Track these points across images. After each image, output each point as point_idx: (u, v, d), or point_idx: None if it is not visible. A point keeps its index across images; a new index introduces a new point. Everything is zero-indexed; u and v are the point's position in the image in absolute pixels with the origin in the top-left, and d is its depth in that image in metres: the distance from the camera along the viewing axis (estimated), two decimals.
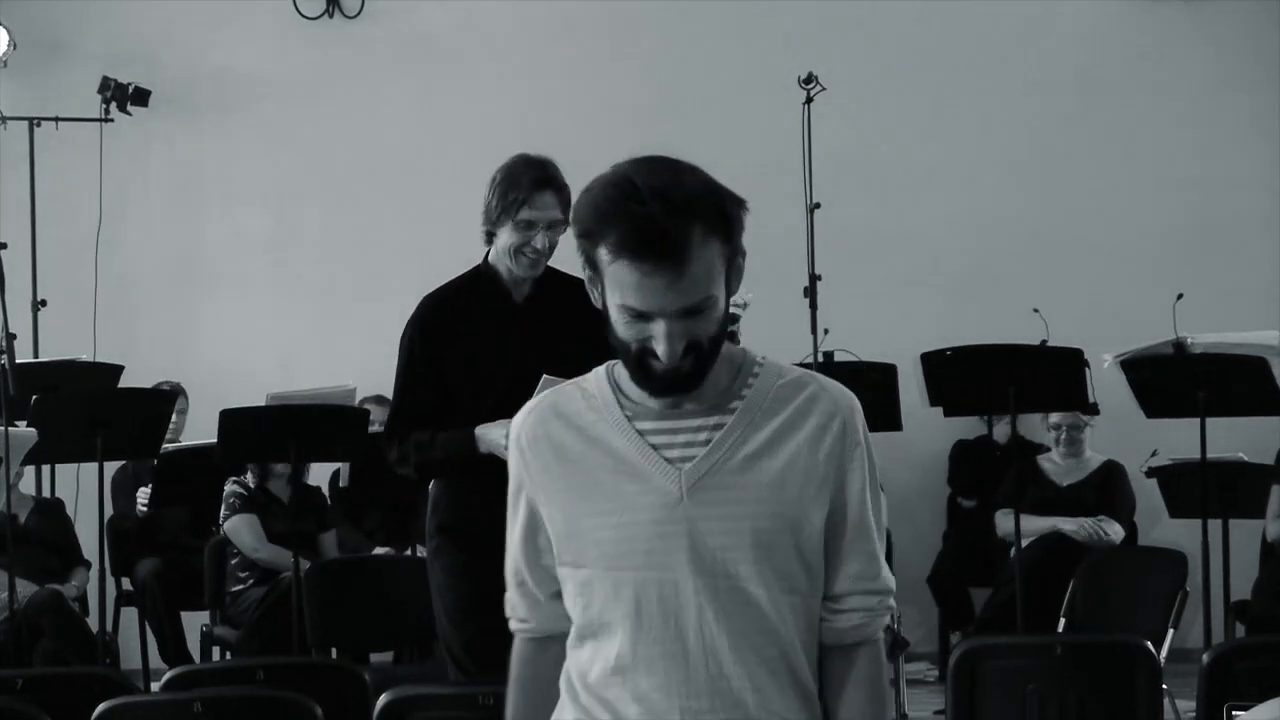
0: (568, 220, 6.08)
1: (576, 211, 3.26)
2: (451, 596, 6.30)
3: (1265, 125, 11.40)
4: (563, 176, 6.21)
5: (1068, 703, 6.30)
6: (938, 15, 11.43)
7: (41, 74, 11.21)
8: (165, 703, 6.07)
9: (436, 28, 11.60)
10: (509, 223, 6.16)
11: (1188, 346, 8.94)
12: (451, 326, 6.29)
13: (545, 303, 6.30)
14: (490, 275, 6.31)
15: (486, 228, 6.27)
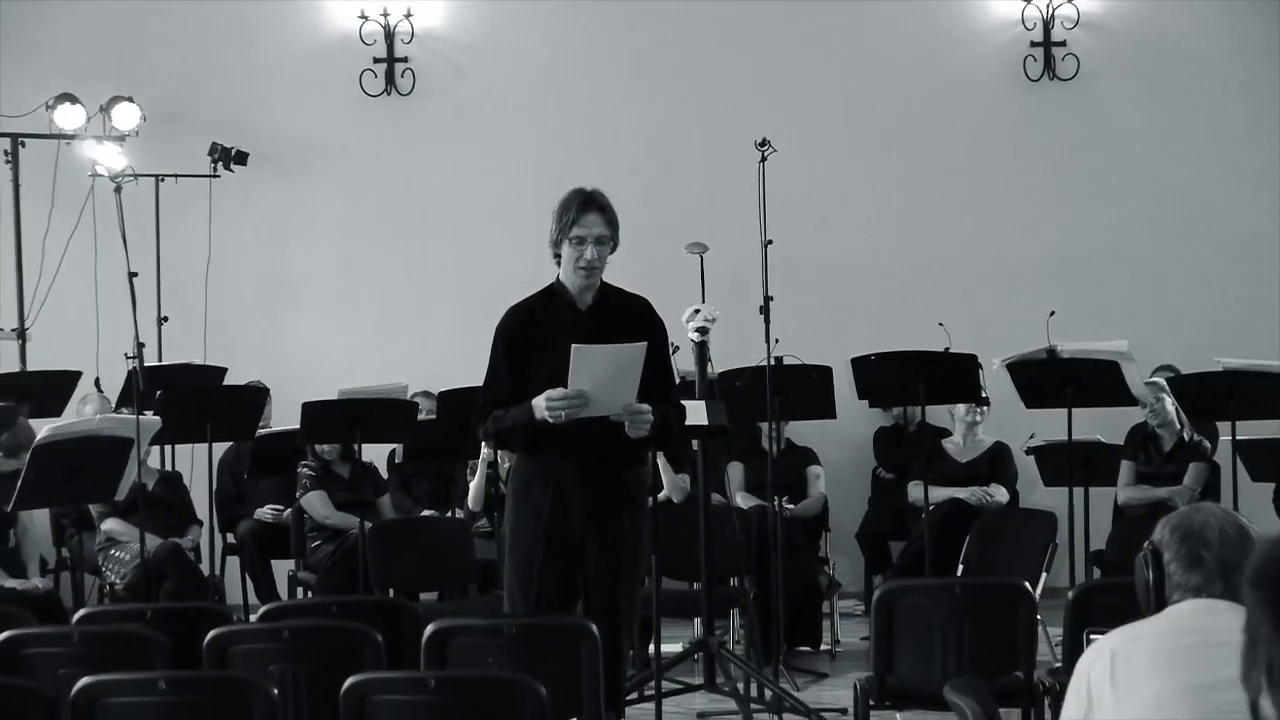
0: (614, 237, 6.16)
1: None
2: (520, 551, 6.34)
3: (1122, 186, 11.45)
4: (607, 200, 6.25)
5: (964, 631, 6.28)
6: (863, 94, 11.46)
7: (164, 140, 11.17)
8: (260, 631, 6.08)
9: (471, 104, 11.59)
10: (566, 240, 6.19)
11: (1058, 352, 8.97)
12: (527, 330, 6.29)
13: (605, 312, 6.31)
14: (559, 290, 6.30)
15: (553, 250, 6.28)
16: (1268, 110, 10.73)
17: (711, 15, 11.52)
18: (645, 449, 6.55)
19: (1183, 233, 11.36)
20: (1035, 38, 11.55)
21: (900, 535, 10.17)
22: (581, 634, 5.67)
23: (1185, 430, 9.59)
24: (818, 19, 11.51)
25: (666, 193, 10.05)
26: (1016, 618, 6.30)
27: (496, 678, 5.25)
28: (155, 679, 5.01)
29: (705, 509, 8.25)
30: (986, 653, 6.22)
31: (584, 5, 11.58)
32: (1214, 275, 11.17)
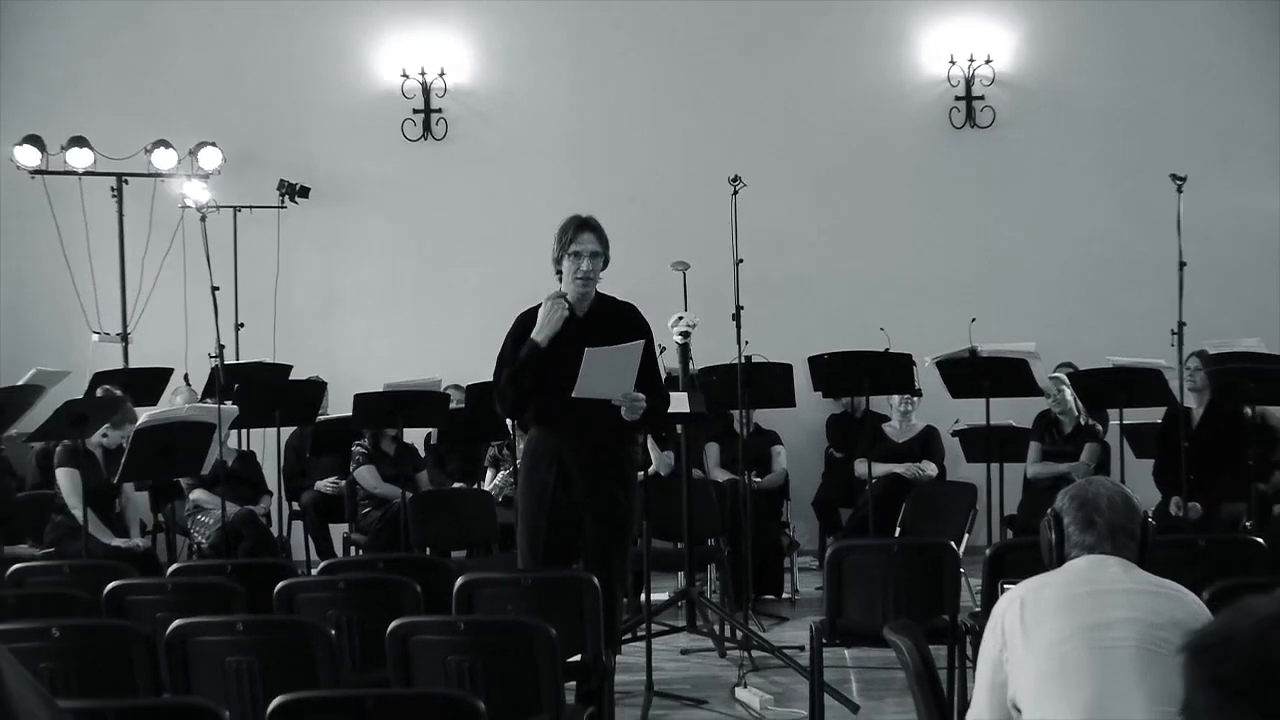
0: (605, 254, 6.19)
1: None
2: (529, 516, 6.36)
3: (1030, 215, 11.46)
4: (599, 223, 6.32)
5: (900, 582, 6.28)
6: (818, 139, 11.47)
7: (241, 177, 11.18)
8: (320, 582, 6.09)
9: (493, 148, 11.58)
10: (565, 256, 6.24)
11: (978, 352, 8.96)
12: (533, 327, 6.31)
13: (600, 316, 6.34)
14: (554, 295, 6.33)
15: (555, 267, 6.33)
16: (1150, 150, 10.73)
17: (692, 75, 11.55)
18: (636, 431, 6.57)
19: (1080, 253, 11.38)
20: (959, 93, 11.56)
21: (848, 503, 10.16)
22: (584, 585, 5.67)
23: (1081, 416, 9.59)
24: (781, 78, 11.52)
25: (655, 220, 10.05)
26: (943, 571, 6.32)
27: (515, 621, 5.26)
28: (234, 621, 5.02)
29: (687, 481, 8.27)
30: (919, 600, 6.22)
31: (586, 68, 11.60)
32: (1106, 288, 11.19)
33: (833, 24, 11.56)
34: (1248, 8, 11.50)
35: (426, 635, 4.92)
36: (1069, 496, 3.97)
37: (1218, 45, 11.51)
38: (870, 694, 7.18)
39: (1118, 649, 3.61)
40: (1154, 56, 11.53)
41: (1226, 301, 10.41)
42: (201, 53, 11.55)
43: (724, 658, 7.96)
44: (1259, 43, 11.51)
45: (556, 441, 6.33)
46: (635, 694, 7.05)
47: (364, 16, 11.60)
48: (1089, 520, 3.88)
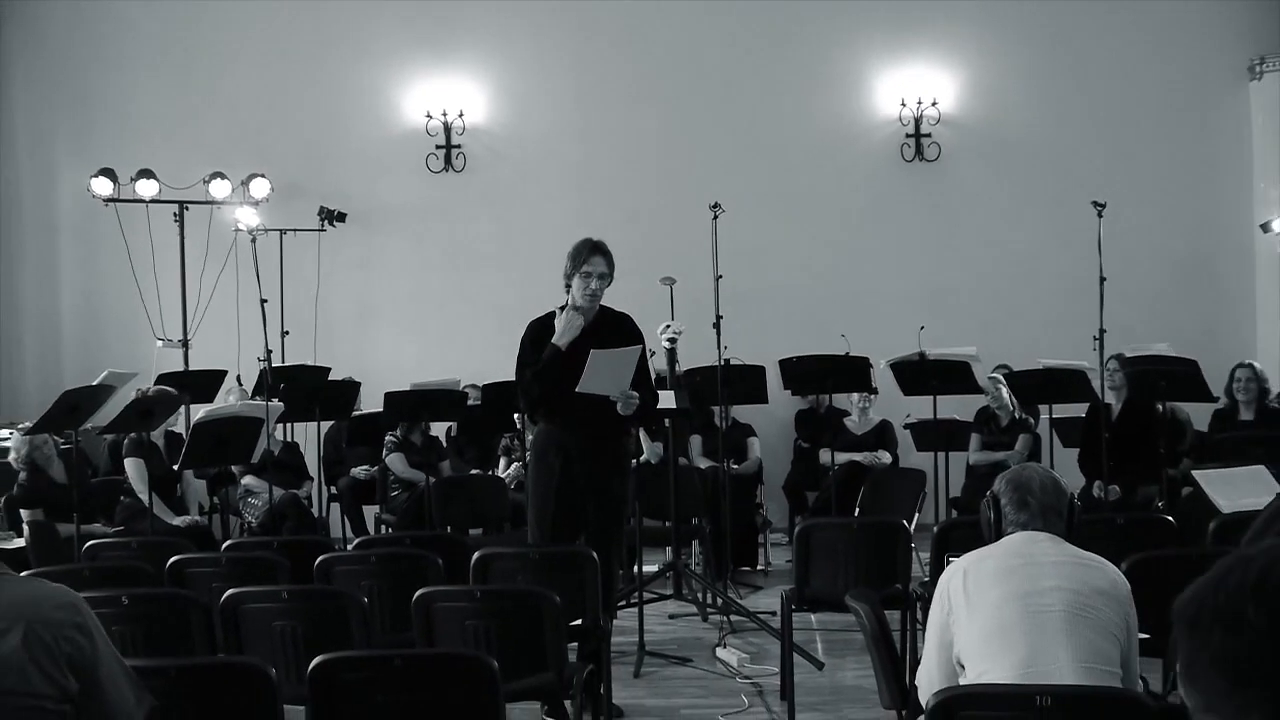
0: (611, 274, 6.20)
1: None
2: (538, 498, 6.36)
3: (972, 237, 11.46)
4: (608, 248, 6.34)
5: (859, 556, 6.27)
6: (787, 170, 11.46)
7: (286, 204, 11.17)
8: (355, 556, 6.07)
9: (506, 178, 11.56)
10: (577, 273, 6.24)
11: (926, 356, 8.96)
12: (547, 333, 6.30)
13: (602, 324, 6.34)
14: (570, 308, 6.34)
15: (566, 281, 6.33)
16: (1075, 180, 10.72)
17: (680, 116, 11.54)
18: (631, 425, 6.57)
19: (1015, 271, 11.38)
20: (909, 131, 11.55)
21: (814, 487, 10.13)
22: (584, 559, 5.67)
23: (1016, 411, 9.59)
24: (755, 117, 11.51)
25: (646, 240, 10.01)
26: (896, 546, 6.31)
27: (524, 590, 5.25)
28: (279, 590, 5.02)
29: (673, 468, 8.27)
30: (875, 571, 6.21)
31: (587, 110, 11.58)
32: (1037, 300, 11.19)
33: (801, 71, 11.55)
34: (1160, 57, 11.50)
35: (447, 603, 4.92)
36: (1005, 481, 3.98)
37: (1133, 89, 11.52)
38: (833, 653, 7.19)
39: (1048, 613, 3.62)
40: (1078, 99, 11.54)
41: (1141, 311, 10.43)
42: (253, 96, 11.54)
43: (706, 621, 7.95)
44: (1169, 87, 11.52)
45: (562, 434, 6.34)
46: (629, 653, 7.04)
47: (393, 65, 11.60)
48: (1023, 501, 3.88)
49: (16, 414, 10.57)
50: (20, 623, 2.81)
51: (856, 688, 6.52)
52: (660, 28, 11.58)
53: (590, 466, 6.29)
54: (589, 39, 11.62)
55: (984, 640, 3.64)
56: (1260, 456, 7.06)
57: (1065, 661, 3.55)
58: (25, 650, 2.80)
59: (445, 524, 8.63)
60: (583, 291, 6.27)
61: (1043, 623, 3.60)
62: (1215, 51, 11.51)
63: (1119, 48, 11.53)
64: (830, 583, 6.18)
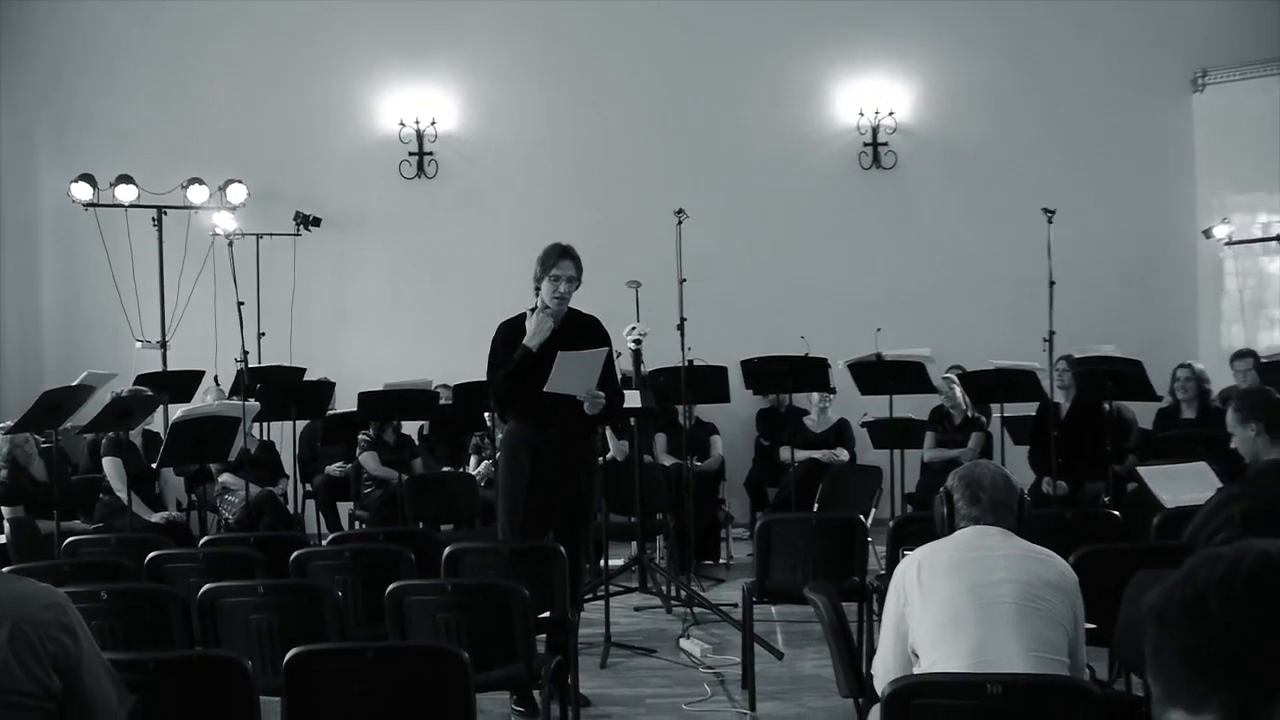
0: (579, 278, 6.19)
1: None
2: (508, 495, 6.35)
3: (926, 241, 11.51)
4: (577, 252, 6.34)
5: (818, 550, 6.29)
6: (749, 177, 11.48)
7: (263, 209, 11.13)
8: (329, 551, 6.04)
9: (476, 185, 11.56)
10: (546, 277, 6.24)
11: (882, 357, 8.99)
12: (517, 334, 6.30)
13: (571, 326, 6.34)
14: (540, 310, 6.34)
15: (535, 285, 6.33)
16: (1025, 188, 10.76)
17: (645, 124, 11.56)
18: (597, 424, 6.57)
19: (968, 275, 11.42)
20: (866, 140, 11.59)
21: (774, 483, 10.15)
22: (553, 553, 5.66)
23: (969, 410, 9.64)
24: (718, 127, 11.53)
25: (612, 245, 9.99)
26: (854, 540, 6.33)
27: (494, 584, 5.24)
28: (256, 585, 5.00)
29: (639, 465, 8.28)
30: (833, 564, 6.22)
31: (555, 118, 11.59)
32: (989, 303, 11.23)
33: (762, 82, 11.58)
34: (1107, 70, 11.58)
35: (419, 596, 4.91)
36: (958, 477, 3.99)
37: (1081, 101, 11.59)
38: (793, 644, 7.21)
39: (999, 604, 3.64)
40: (1029, 110, 11.62)
41: (1089, 314, 10.46)
42: (231, 103, 11.50)
43: (670, 613, 7.96)
44: (1116, 99, 11.60)
45: (531, 432, 6.33)
46: (595, 644, 7.04)
47: (368, 74, 11.58)
48: (975, 497, 3.90)
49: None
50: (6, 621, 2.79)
51: (815, 677, 6.55)
52: (627, 41, 11.59)
53: (558, 464, 6.28)
54: (558, 51, 11.62)
55: (937, 630, 3.65)
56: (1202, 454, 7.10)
57: (1015, 650, 3.57)
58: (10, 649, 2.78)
59: (417, 520, 8.61)
60: (552, 294, 6.27)
61: (993, 613, 3.62)
62: (1160, 65, 11.60)
63: (1068, 62, 11.61)
64: (790, 576, 6.20)
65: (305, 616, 4.82)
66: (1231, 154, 11.43)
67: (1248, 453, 5.14)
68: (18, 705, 2.80)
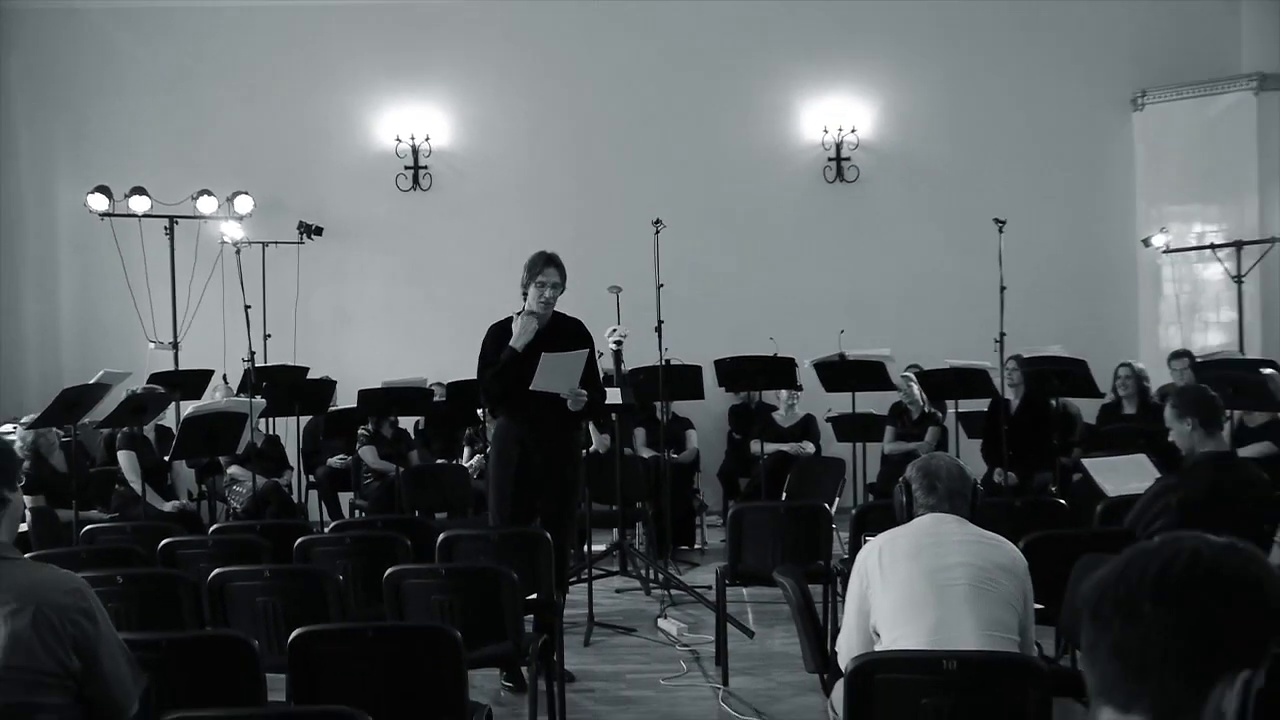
0: (563, 284, 6.18)
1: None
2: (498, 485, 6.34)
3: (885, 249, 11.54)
4: (561, 260, 6.32)
5: (786, 536, 6.26)
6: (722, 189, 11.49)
7: (268, 219, 11.10)
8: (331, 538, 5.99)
9: (468, 196, 11.54)
10: (533, 282, 6.24)
11: (846, 356, 9.00)
12: (505, 336, 6.29)
13: (556, 328, 6.33)
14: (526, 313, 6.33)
15: (523, 290, 6.32)
16: (978, 199, 10.81)
17: (625, 140, 11.55)
18: (581, 419, 6.57)
19: (924, 278, 11.45)
20: (830, 155, 11.62)
21: (746, 474, 10.15)
22: (539, 539, 5.66)
23: (926, 406, 9.66)
24: (694, 142, 11.53)
25: (595, 253, 9.98)
26: (819, 526, 6.34)
27: (485, 567, 5.23)
28: (262, 570, 4.98)
29: (620, 458, 8.28)
30: (800, 549, 6.22)
31: (541, 134, 11.57)
32: (944, 306, 11.26)
33: (734, 101, 11.59)
34: (1054, 89, 11.62)
35: (415, 580, 4.90)
36: (916, 468, 4.00)
37: (1030, 119, 11.64)
38: (763, 623, 7.22)
39: (954, 586, 3.65)
40: (981, 127, 11.65)
41: (1037, 317, 10.51)
42: (238, 120, 11.45)
43: (649, 595, 7.96)
44: (1062, 117, 11.65)
45: (519, 427, 6.33)
46: (579, 624, 7.04)
47: (367, 93, 11.55)
48: (931, 486, 3.91)
49: (19, 410, 10.43)
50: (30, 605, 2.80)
51: (784, 654, 6.57)
52: (607, 64, 11.59)
53: (545, 456, 6.28)
54: (543, 74, 11.61)
55: (897, 610, 3.66)
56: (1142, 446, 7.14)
57: (969, 629, 3.58)
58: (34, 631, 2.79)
59: (413, 509, 8.58)
60: (538, 299, 6.27)
61: (949, 595, 3.63)
62: (1103, 85, 11.65)
63: (1018, 83, 11.65)
64: (760, 560, 6.21)
65: (308, 599, 4.80)
66: (1169, 168, 11.48)
67: (1184, 445, 5.17)
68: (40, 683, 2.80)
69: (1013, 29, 11.65)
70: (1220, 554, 1.51)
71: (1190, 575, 1.49)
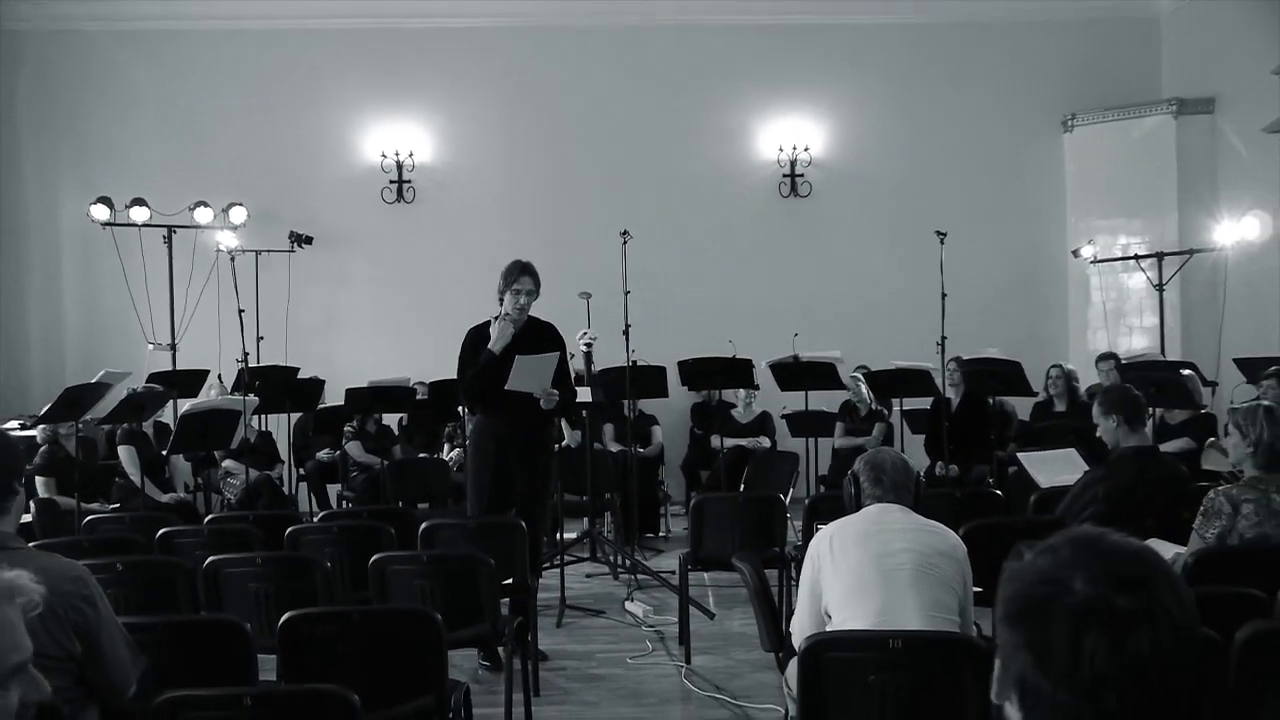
0: (537, 290, 6.16)
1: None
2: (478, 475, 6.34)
3: (836, 259, 11.57)
4: (534, 268, 6.31)
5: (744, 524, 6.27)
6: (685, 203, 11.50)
7: (261, 229, 11.05)
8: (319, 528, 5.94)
9: (449, 209, 11.52)
10: (508, 289, 6.23)
11: (799, 358, 9.02)
12: (483, 340, 6.29)
13: (530, 332, 6.33)
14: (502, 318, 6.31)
15: (499, 295, 6.31)
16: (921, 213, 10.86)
17: (595, 156, 11.54)
18: (553, 416, 6.55)
19: (872, 286, 11.51)
20: (785, 171, 11.65)
21: (707, 466, 10.15)
22: (514, 528, 5.64)
23: (873, 404, 9.69)
24: (659, 159, 11.53)
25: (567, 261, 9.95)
26: (774, 515, 6.35)
27: (463, 554, 5.20)
28: (254, 557, 4.94)
29: (590, 452, 8.27)
30: (757, 535, 6.24)
31: (516, 151, 11.55)
32: (890, 311, 11.30)
33: (696, 122, 11.60)
34: (991, 112, 11.70)
35: (399, 566, 4.87)
36: (863, 461, 4.01)
37: (969, 139, 11.71)
38: (722, 605, 7.22)
39: (899, 571, 3.66)
40: (924, 146, 11.71)
41: (975, 321, 10.58)
42: (233, 135, 11.38)
43: (617, 579, 7.95)
44: (998, 137, 11.72)
45: (496, 423, 6.32)
46: (552, 606, 7.03)
47: (354, 112, 11.50)
48: (878, 478, 3.92)
49: (25, 408, 10.39)
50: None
51: (742, 634, 6.57)
52: (579, 85, 11.58)
53: (519, 451, 6.27)
54: (519, 95, 11.59)
55: (846, 593, 3.67)
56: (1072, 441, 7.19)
57: (913, 611, 3.59)
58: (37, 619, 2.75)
59: (397, 500, 8.56)
60: (513, 305, 6.26)
61: (894, 579, 3.64)
62: (1035, 108, 11.73)
63: (958, 105, 11.71)
64: (720, 546, 6.21)
65: (298, 585, 4.77)
66: (1096, 185, 11.57)
67: (1110, 440, 5.20)
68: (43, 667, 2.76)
69: (953, 57, 11.72)
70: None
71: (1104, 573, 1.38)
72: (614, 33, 11.56)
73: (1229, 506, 4.43)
